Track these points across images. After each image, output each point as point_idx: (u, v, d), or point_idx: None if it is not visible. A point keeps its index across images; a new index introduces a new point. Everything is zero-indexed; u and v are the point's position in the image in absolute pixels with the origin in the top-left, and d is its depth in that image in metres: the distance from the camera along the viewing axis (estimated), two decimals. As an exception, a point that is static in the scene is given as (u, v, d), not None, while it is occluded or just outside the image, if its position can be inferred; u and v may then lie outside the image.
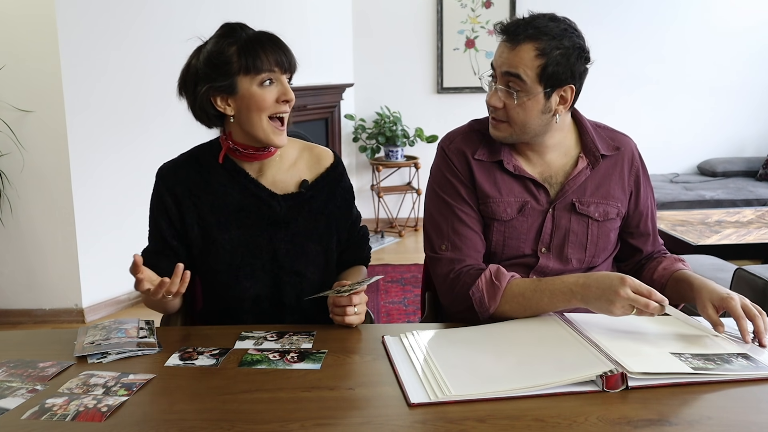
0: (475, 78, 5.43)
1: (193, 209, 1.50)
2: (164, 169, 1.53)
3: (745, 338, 1.25)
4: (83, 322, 3.51)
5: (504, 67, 1.41)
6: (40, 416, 1.03)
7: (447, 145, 1.55)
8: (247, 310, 1.51)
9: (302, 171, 1.55)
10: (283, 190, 1.52)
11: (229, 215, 1.49)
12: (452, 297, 1.46)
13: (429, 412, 1.03)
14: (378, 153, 5.34)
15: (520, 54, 1.39)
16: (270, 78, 1.40)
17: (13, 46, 3.31)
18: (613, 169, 1.55)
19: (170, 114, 3.85)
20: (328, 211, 1.55)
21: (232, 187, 1.50)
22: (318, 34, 4.72)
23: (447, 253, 1.49)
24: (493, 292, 1.40)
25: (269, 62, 1.39)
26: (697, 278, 1.42)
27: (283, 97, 1.40)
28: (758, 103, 5.54)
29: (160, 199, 1.51)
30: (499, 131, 1.47)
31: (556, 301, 1.36)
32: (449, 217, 1.50)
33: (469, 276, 1.44)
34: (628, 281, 1.25)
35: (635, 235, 1.59)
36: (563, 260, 1.51)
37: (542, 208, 1.51)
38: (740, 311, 1.27)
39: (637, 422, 0.99)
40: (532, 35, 1.38)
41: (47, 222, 3.48)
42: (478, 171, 1.51)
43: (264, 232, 1.49)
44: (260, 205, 1.50)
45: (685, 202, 4.65)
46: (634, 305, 1.25)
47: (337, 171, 1.58)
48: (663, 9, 5.33)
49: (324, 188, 1.55)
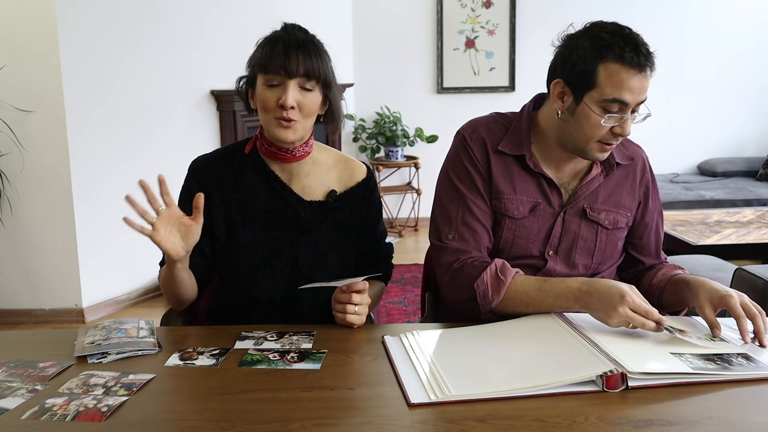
0: (475, 78, 5.44)
1: (221, 206, 1.51)
2: (197, 162, 1.55)
3: (745, 338, 1.25)
4: (83, 322, 3.51)
5: (642, 96, 1.37)
6: (40, 416, 1.03)
7: (469, 133, 1.54)
8: (260, 310, 1.52)
9: (333, 181, 1.56)
10: (310, 196, 1.53)
11: (255, 215, 1.50)
12: (454, 287, 1.45)
13: (429, 412, 1.03)
14: (378, 153, 5.34)
15: (649, 78, 1.37)
16: (275, 81, 1.40)
17: (13, 46, 3.31)
18: (626, 179, 1.55)
19: (171, 114, 3.86)
20: (353, 225, 1.56)
21: (261, 188, 1.51)
22: (318, 34, 4.71)
23: (453, 242, 1.48)
24: (498, 286, 1.40)
25: (275, 65, 1.40)
26: (695, 278, 1.42)
27: (280, 101, 1.40)
28: (758, 103, 5.55)
29: (190, 191, 1.50)
30: (608, 152, 1.45)
31: (558, 303, 1.36)
32: (460, 206, 1.50)
33: (473, 268, 1.44)
34: (627, 299, 1.25)
35: (637, 247, 1.59)
36: (570, 265, 1.51)
37: (554, 210, 1.50)
38: (740, 310, 1.27)
39: (637, 422, 0.99)
40: (653, 55, 1.37)
41: (47, 222, 3.48)
42: (496, 165, 1.50)
43: (287, 235, 1.51)
44: (286, 208, 1.51)
45: (685, 202, 4.66)
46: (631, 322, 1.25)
47: (368, 187, 1.58)
48: (663, 9, 5.33)
49: (352, 201, 1.56)
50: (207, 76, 3.98)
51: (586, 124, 1.39)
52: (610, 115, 1.36)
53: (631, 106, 1.36)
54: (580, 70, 1.37)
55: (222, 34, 3.97)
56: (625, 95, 1.34)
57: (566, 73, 1.41)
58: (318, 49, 1.45)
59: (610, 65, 1.34)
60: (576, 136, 1.42)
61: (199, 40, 3.88)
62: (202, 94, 4.00)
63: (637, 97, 1.35)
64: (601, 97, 1.36)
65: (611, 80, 1.34)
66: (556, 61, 1.44)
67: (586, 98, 1.37)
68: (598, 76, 1.35)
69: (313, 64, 1.41)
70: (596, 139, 1.40)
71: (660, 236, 1.61)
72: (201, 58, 3.89)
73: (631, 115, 1.37)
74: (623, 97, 1.34)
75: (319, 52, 1.45)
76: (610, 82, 1.34)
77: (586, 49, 1.37)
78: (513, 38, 5.34)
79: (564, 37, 1.43)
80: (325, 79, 1.45)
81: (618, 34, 1.35)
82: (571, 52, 1.40)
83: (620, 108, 1.36)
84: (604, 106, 1.36)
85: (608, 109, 1.36)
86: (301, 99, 1.41)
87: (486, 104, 4.10)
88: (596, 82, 1.36)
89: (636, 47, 1.34)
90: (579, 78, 1.38)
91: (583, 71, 1.37)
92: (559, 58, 1.43)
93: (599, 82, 1.35)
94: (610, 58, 1.34)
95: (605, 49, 1.34)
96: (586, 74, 1.36)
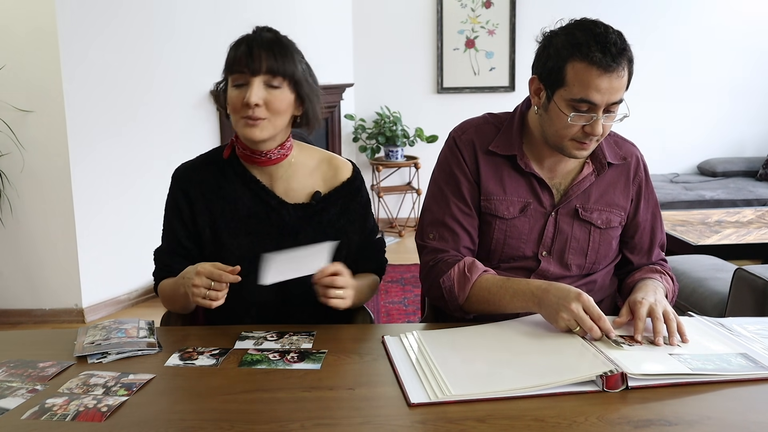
0: (475, 78, 5.44)
1: (206, 212, 1.50)
2: (180, 170, 1.54)
3: (636, 337, 1.25)
4: (83, 322, 3.51)
5: (613, 96, 1.34)
6: (40, 416, 1.03)
7: (459, 135, 1.54)
8: (253, 315, 1.51)
9: (317, 182, 1.54)
10: (294, 199, 1.51)
11: (239, 221, 1.49)
12: (428, 284, 1.48)
13: (429, 412, 1.03)
14: (378, 153, 5.34)
15: (622, 79, 1.34)
16: (240, 80, 1.40)
17: (13, 46, 3.31)
18: (619, 178, 1.54)
19: (171, 113, 3.86)
20: (340, 225, 1.54)
21: (244, 193, 1.50)
22: (318, 34, 4.72)
23: (433, 242, 1.50)
24: (464, 282, 1.41)
25: (240, 64, 1.39)
26: (643, 283, 1.45)
27: (245, 99, 1.38)
28: (758, 104, 5.54)
29: (175, 200, 1.51)
30: (588, 150, 1.43)
31: (516, 302, 1.36)
32: (443, 209, 1.51)
33: (445, 264, 1.45)
34: (583, 299, 1.25)
35: (629, 246, 1.58)
36: (564, 265, 1.51)
37: (545, 210, 1.50)
38: (641, 312, 1.27)
39: (637, 422, 0.99)
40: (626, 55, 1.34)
41: (47, 222, 3.48)
42: (486, 166, 1.50)
43: (272, 240, 1.49)
44: (270, 212, 1.50)
45: (685, 202, 4.65)
46: (578, 323, 1.24)
47: (354, 185, 1.56)
48: (663, 10, 5.33)
49: (338, 202, 1.54)
50: (207, 76, 3.96)
51: (557, 122, 1.38)
52: (578, 114, 1.35)
53: (601, 107, 1.34)
54: (551, 68, 1.37)
55: (222, 34, 3.96)
56: (592, 95, 1.32)
57: (540, 69, 1.41)
58: (285, 47, 1.43)
59: (577, 64, 1.33)
60: (549, 134, 1.42)
61: (199, 39, 3.87)
62: (202, 94, 3.99)
63: (607, 98, 1.33)
64: (569, 95, 1.35)
65: (578, 80, 1.33)
66: (534, 57, 1.44)
67: (556, 96, 1.37)
68: (566, 75, 1.34)
69: (277, 62, 1.39)
70: (569, 138, 1.39)
71: (656, 237, 1.59)
72: (201, 58, 3.89)
73: (605, 114, 1.35)
74: (590, 97, 1.33)
75: (287, 50, 1.42)
76: (578, 82, 1.33)
77: (558, 47, 1.36)
78: (513, 38, 5.34)
79: (545, 33, 1.43)
80: (293, 77, 1.42)
81: (590, 33, 1.33)
82: (545, 49, 1.40)
83: (589, 108, 1.34)
84: (573, 105, 1.35)
85: (577, 108, 1.35)
86: (267, 97, 1.39)
87: (486, 104, 4.09)
88: (565, 80, 1.35)
89: (605, 47, 1.31)
90: (550, 75, 1.38)
91: (553, 69, 1.36)
92: (537, 53, 1.43)
93: (567, 81, 1.34)
94: (577, 58, 1.32)
95: (574, 47, 1.33)
96: (556, 72, 1.36)
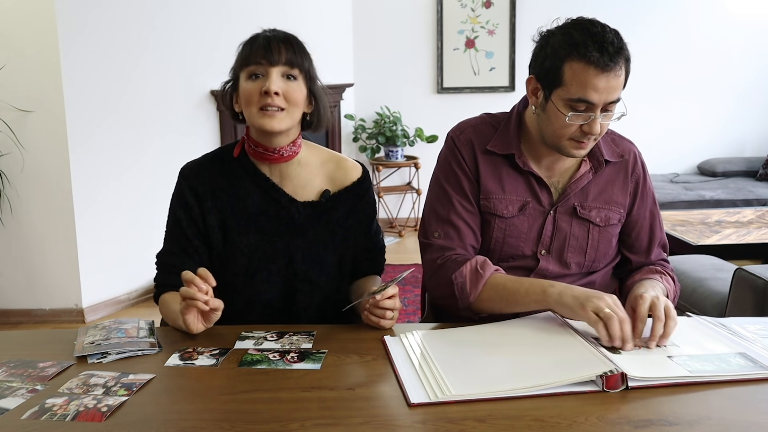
0: (475, 78, 5.44)
1: (216, 210, 1.50)
2: (187, 168, 1.54)
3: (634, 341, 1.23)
4: (83, 322, 3.51)
5: (611, 95, 1.34)
6: (40, 416, 1.03)
7: (457, 135, 1.55)
8: (258, 313, 1.51)
9: (326, 181, 1.55)
10: (303, 197, 1.52)
11: (249, 218, 1.49)
12: (435, 283, 1.47)
13: (429, 412, 1.03)
14: (378, 153, 5.34)
15: (620, 78, 1.34)
16: (257, 71, 1.40)
17: (13, 46, 3.31)
18: (617, 175, 1.54)
19: (171, 114, 3.86)
20: (348, 225, 1.55)
21: (253, 191, 1.50)
22: (318, 34, 4.71)
23: (439, 240, 1.50)
24: (476, 279, 1.41)
25: (257, 56, 1.40)
26: (643, 281, 1.45)
27: (264, 88, 1.39)
28: (758, 104, 5.54)
29: (183, 197, 1.50)
30: (586, 149, 1.43)
31: (529, 298, 1.36)
32: (447, 207, 1.51)
33: (455, 263, 1.45)
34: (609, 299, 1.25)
35: (626, 244, 1.58)
36: (563, 264, 1.51)
37: (544, 209, 1.50)
38: (642, 311, 1.26)
39: (637, 422, 0.99)
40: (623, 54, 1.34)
41: (47, 222, 3.48)
42: (484, 165, 1.50)
43: (282, 237, 1.50)
44: (279, 210, 1.50)
45: (685, 202, 4.65)
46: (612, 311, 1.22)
47: (362, 186, 1.57)
48: (663, 9, 5.33)
49: (346, 201, 1.55)
50: (207, 76, 3.97)
51: (555, 121, 1.39)
52: (575, 113, 1.35)
53: (599, 106, 1.34)
54: (548, 67, 1.37)
55: (222, 35, 3.96)
56: (590, 95, 1.33)
57: (537, 69, 1.41)
58: (299, 43, 1.45)
59: (575, 64, 1.33)
60: (547, 133, 1.43)
61: (199, 40, 3.88)
62: (202, 94, 3.99)
63: (605, 97, 1.34)
64: (566, 95, 1.35)
65: (576, 79, 1.33)
66: (531, 57, 1.44)
67: (554, 96, 1.37)
68: (564, 75, 1.35)
69: (295, 54, 1.42)
70: (567, 137, 1.39)
71: (655, 235, 1.58)
72: (201, 58, 3.89)
73: (602, 113, 1.36)
74: (588, 96, 1.33)
75: (302, 46, 1.45)
76: (575, 81, 1.33)
77: (555, 47, 1.36)
78: (513, 38, 5.34)
79: (542, 32, 1.43)
80: (308, 71, 1.44)
81: (587, 33, 1.33)
82: (542, 49, 1.40)
83: (587, 107, 1.34)
84: (570, 104, 1.35)
85: (574, 108, 1.35)
86: (285, 87, 1.40)
87: (486, 104, 4.09)
88: (562, 80, 1.35)
89: (602, 46, 1.31)
90: (547, 75, 1.38)
91: (551, 68, 1.36)
92: (534, 53, 1.43)
93: (565, 80, 1.35)
94: (574, 57, 1.33)
95: (571, 47, 1.33)
96: (554, 72, 1.36)
